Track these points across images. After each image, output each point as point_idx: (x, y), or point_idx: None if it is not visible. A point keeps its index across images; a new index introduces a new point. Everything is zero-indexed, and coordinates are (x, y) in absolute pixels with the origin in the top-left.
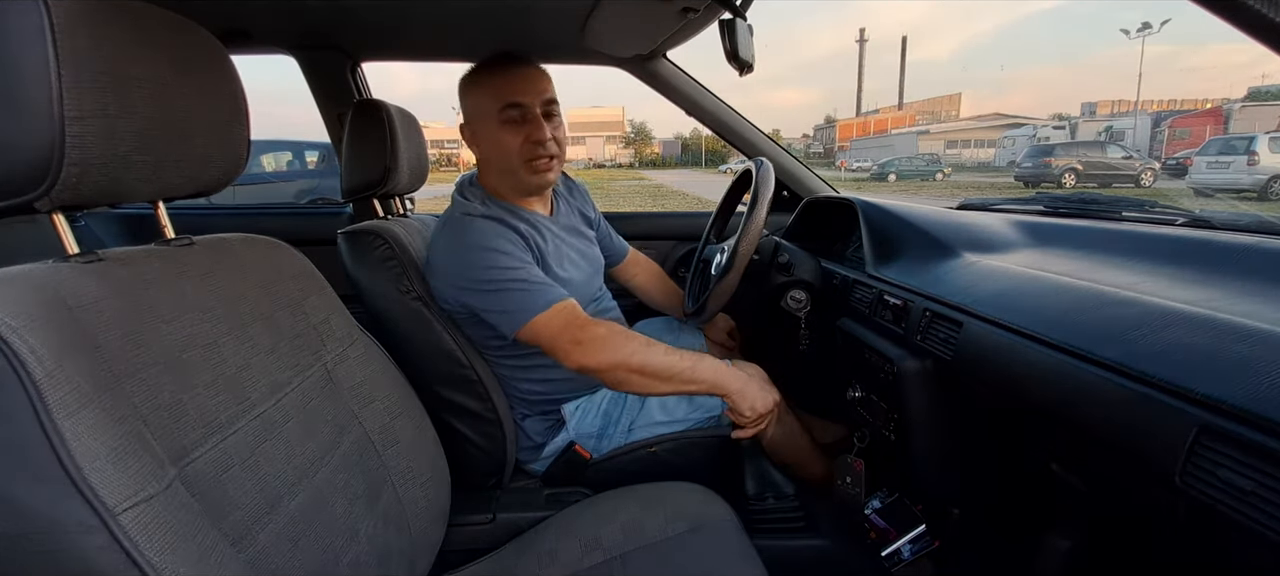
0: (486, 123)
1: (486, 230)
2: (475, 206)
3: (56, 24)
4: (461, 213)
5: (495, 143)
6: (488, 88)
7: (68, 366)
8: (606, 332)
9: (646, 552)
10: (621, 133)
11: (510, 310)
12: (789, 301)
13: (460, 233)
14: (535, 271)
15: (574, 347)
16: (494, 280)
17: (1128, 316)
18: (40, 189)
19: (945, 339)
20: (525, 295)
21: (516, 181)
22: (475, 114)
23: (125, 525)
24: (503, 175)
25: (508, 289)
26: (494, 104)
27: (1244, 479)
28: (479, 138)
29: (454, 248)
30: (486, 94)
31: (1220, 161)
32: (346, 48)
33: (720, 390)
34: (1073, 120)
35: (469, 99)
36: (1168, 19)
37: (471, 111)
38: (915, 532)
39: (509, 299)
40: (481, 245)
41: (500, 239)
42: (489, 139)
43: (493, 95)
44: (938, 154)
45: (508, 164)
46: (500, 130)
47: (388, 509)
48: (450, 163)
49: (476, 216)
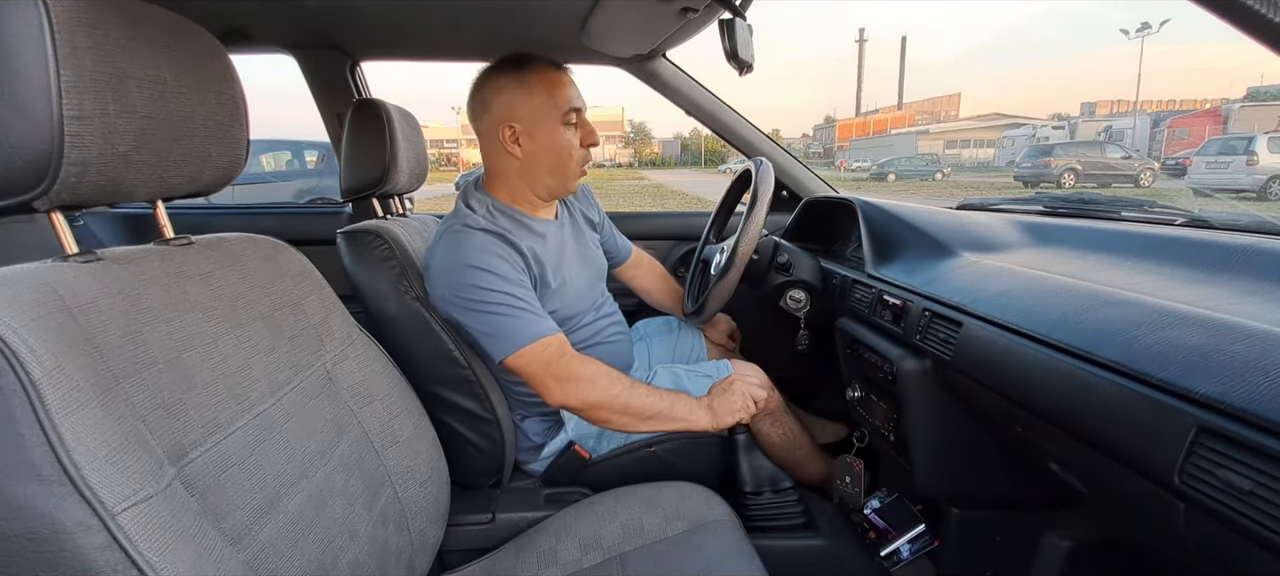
0: (544, 123)
1: (483, 246)
2: (477, 219)
3: (56, 24)
4: (462, 224)
5: (554, 145)
6: (550, 91)
7: (67, 366)
8: (591, 373)
9: (646, 552)
10: (621, 132)
11: (495, 336)
12: (789, 301)
13: (456, 245)
14: (526, 298)
15: (556, 384)
16: (483, 302)
17: (1127, 316)
18: (39, 188)
19: (945, 339)
20: (512, 323)
21: (563, 183)
22: (526, 113)
23: (124, 525)
24: (551, 178)
25: (495, 313)
26: (558, 108)
27: (1244, 479)
28: (532, 138)
29: (448, 260)
30: (546, 96)
31: (1219, 161)
32: (346, 47)
33: (694, 429)
34: (1072, 120)
35: (514, 96)
36: (1167, 19)
37: (520, 110)
38: (915, 532)
39: (496, 324)
40: (474, 263)
41: (494, 258)
42: (546, 141)
43: (555, 98)
44: (937, 154)
45: (564, 166)
46: (562, 133)
47: (387, 509)
48: (450, 162)
49: (476, 230)
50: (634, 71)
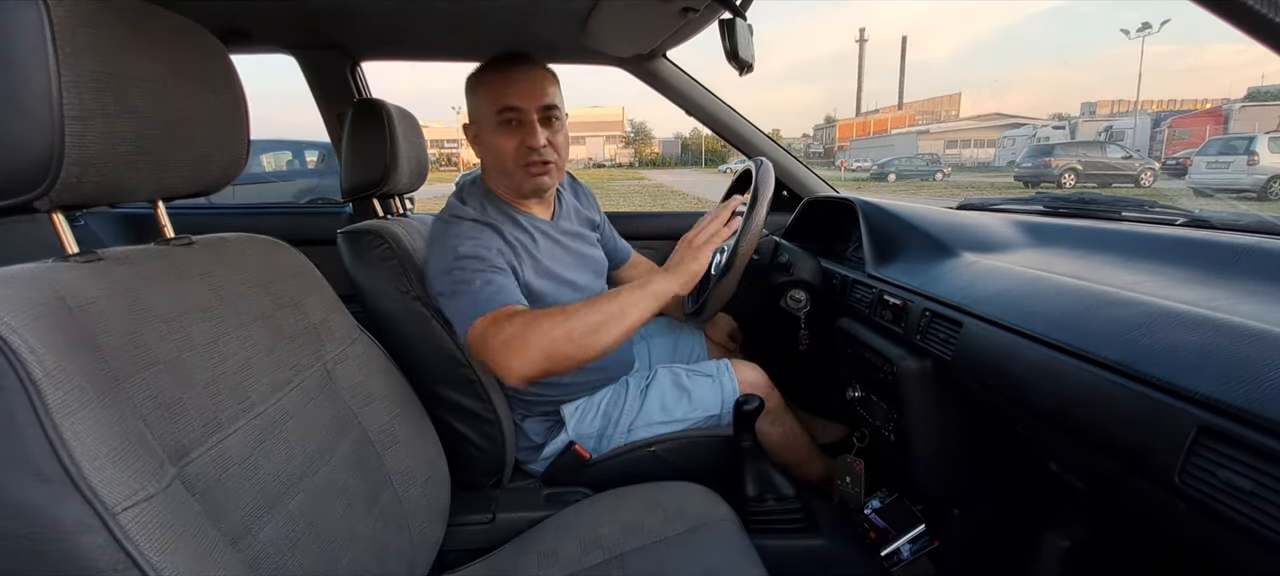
0: (485, 125)
1: (465, 232)
2: (467, 210)
3: (56, 24)
4: (450, 214)
5: (490, 145)
6: (487, 90)
7: (67, 366)
8: (515, 329)
9: (646, 552)
10: (621, 132)
11: (456, 316)
12: (789, 301)
13: (442, 233)
14: (495, 277)
15: (498, 359)
16: (452, 282)
17: (1128, 316)
18: (40, 188)
19: (945, 339)
20: (469, 300)
21: (513, 184)
22: (475, 115)
23: (125, 524)
24: (500, 177)
25: (458, 293)
26: (491, 106)
27: (1244, 479)
28: (479, 139)
29: (433, 248)
30: (485, 96)
31: (1220, 161)
32: (346, 47)
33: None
34: (1073, 120)
35: (471, 99)
36: (1168, 19)
37: (472, 112)
38: (915, 532)
39: (460, 303)
40: (454, 248)
41: (475, 243)
42: (487, 140)
43: (491, 98)
44: (937, 154)
45: (503, 166)
46: (496, 133)
47: (387, 508)
48: (450, 162)
49: (464, 219)
50: (634, 71)
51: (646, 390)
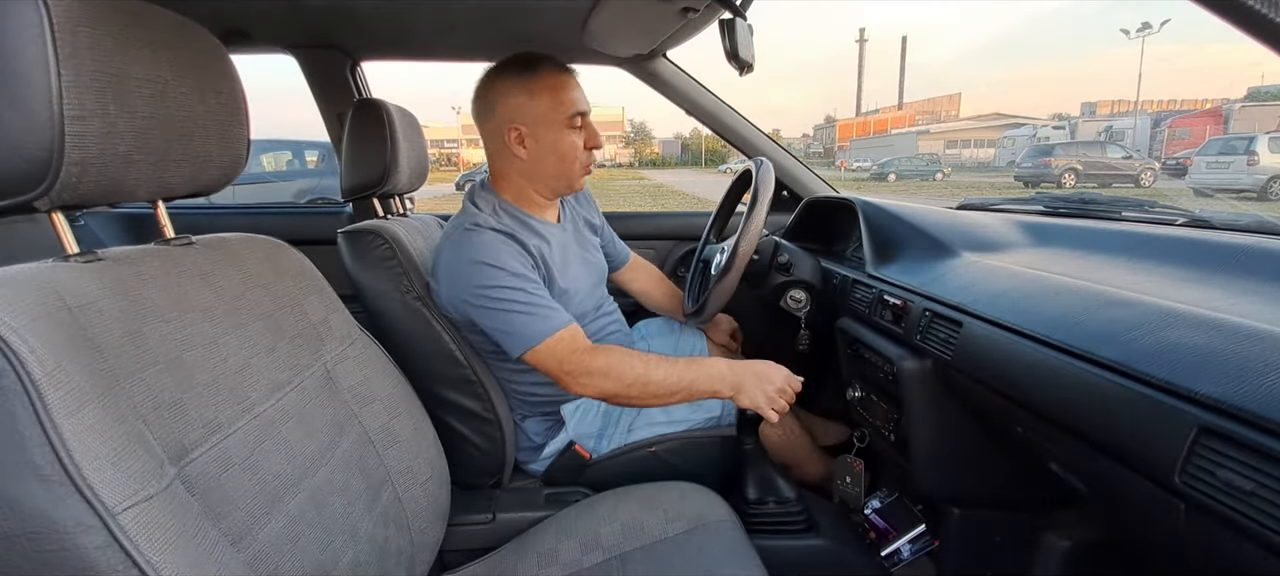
0: (549, 127)
1: (493, 245)
2: (485, 217)
3: (56, 23)
4: (471, 223)
5: (558, 148)
6: (552, 92)
7: (67, 366)
8: (608, 362)
9: (646, 552)
10: (621, 132)
11: (513, 333)
12: (789, 301)
13: (466, 245)
14: (540, 293)
15: (577, 377)
16: (500, 299)
17: (1128, 316)
18: (40, 188)
19: (945, 339)
20: (529, 319)
21: (567, 184)
22: (532, 116)
23: (125, 524)
24: (555, 179)
25: (511, 310)
26: (563, 110)
27: (1244, 479)
28: (537, 139)
29: (459, 260)
30: (551, 97)
31: (1220, 162)
32: (346, 47)
33: (720, 394)
34: (1073, 120)
35: (519, 98)
36: (1168, 19)
37: (525, 113)
38: (915, 532)
39: (512, 321)
40: (487, 261)
41: (506, 256)
42: (550, 142)
43: (559, 101)
44: (937, 154)
45: (567, 168)
46: (565, 134)
47: (387, 508)
48: (450, 162)
49: (485, 229)
50: (634, 71)
51: None
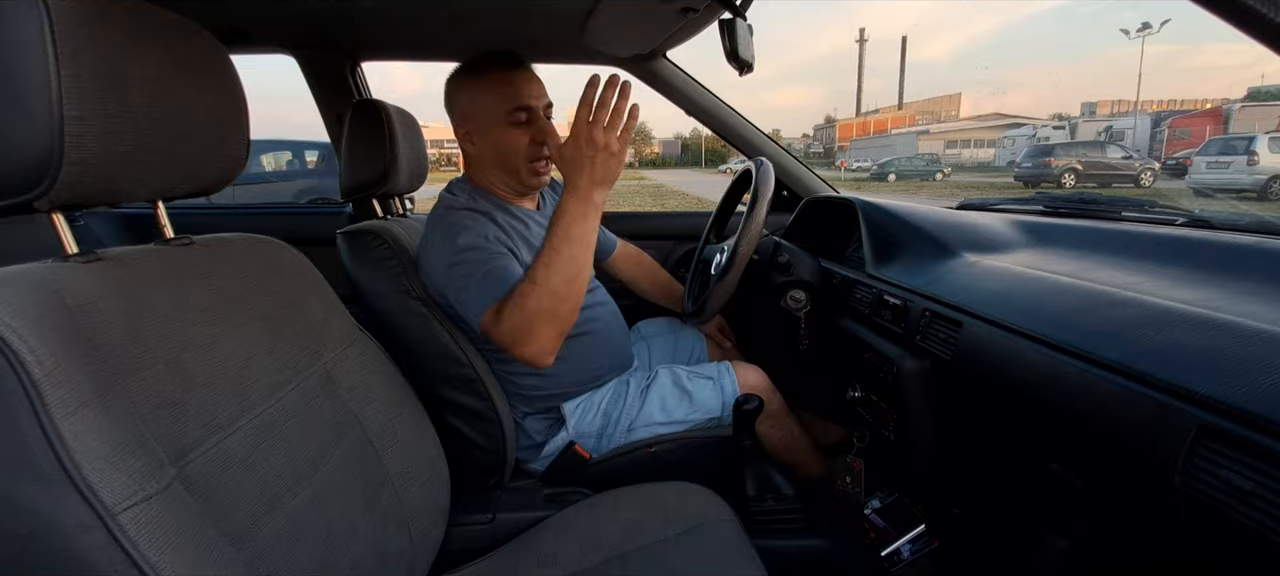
0: (491, 123)
1: (463, 220)
2: (458, 200)
3: (56, 23)
4: (444, 208)
5: (499, 143)
6: (496, 88)
7: (67, 366)
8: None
9: (646, 552)
10: None
11: (467, 310)
12: (789, 301)
13: (439, 225)
14: (505, 263)
15: (516, 351)
16: (463, 268)
17: (1128, 316)
18: (39, 188)
19: (945, 339)
20: (475, 292)
21: (517, 181)
22: (477, 113)
23: (124, 525)
24: (503, 174)
25: (470, 277)
26: (503, 105)
27: (1244, 479)
28: (482, 136)
29: (432, 239)
30: (491, 95)
31: (1220, 161)
32: (346, 48)
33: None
34: (1073, 120)
35: (466, 96)
36: (1168, 19)
37: (471, 110)
38: (915, 532)
39: (466, 297)
40: (455, 235)
41: (475, 231)
42: (493, 139)
43: (500, 97)
44: (937, 154)
45: (511, 164)
46: (508, 131)
47: (387, 508)
48: (450, 162)
49: (458, 209)
50: (634, 71)
51: (647, 390)
